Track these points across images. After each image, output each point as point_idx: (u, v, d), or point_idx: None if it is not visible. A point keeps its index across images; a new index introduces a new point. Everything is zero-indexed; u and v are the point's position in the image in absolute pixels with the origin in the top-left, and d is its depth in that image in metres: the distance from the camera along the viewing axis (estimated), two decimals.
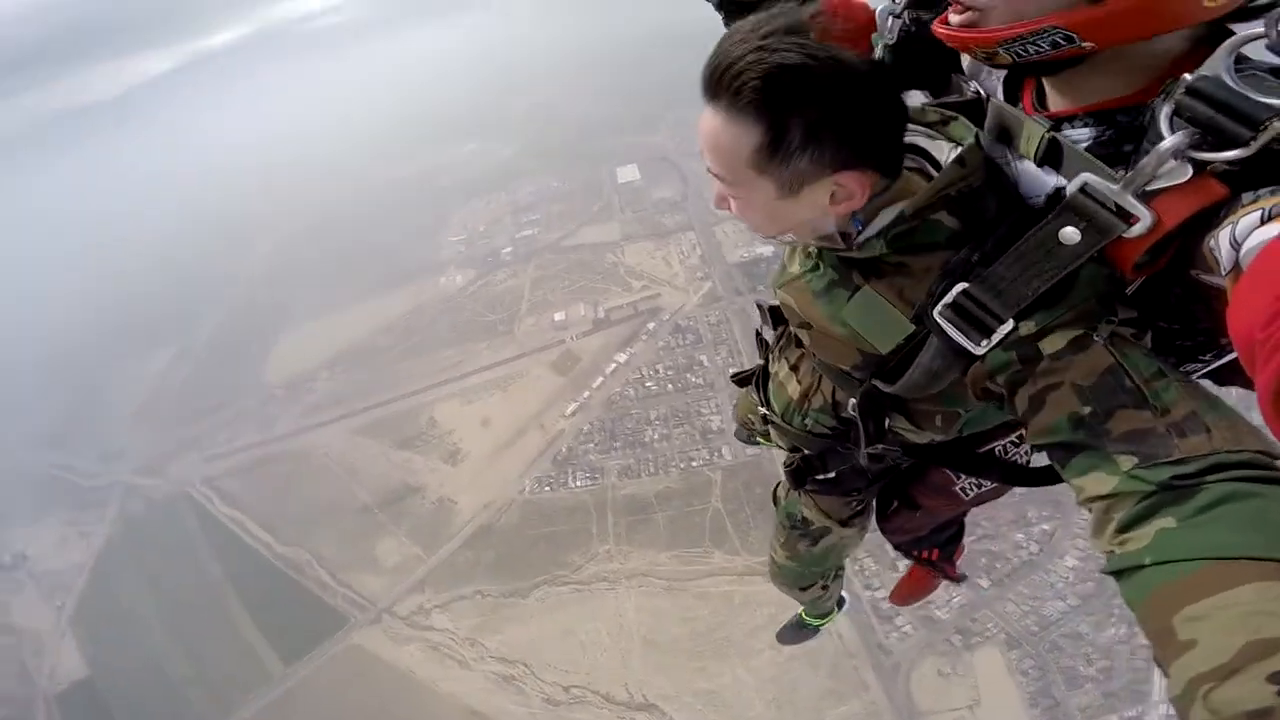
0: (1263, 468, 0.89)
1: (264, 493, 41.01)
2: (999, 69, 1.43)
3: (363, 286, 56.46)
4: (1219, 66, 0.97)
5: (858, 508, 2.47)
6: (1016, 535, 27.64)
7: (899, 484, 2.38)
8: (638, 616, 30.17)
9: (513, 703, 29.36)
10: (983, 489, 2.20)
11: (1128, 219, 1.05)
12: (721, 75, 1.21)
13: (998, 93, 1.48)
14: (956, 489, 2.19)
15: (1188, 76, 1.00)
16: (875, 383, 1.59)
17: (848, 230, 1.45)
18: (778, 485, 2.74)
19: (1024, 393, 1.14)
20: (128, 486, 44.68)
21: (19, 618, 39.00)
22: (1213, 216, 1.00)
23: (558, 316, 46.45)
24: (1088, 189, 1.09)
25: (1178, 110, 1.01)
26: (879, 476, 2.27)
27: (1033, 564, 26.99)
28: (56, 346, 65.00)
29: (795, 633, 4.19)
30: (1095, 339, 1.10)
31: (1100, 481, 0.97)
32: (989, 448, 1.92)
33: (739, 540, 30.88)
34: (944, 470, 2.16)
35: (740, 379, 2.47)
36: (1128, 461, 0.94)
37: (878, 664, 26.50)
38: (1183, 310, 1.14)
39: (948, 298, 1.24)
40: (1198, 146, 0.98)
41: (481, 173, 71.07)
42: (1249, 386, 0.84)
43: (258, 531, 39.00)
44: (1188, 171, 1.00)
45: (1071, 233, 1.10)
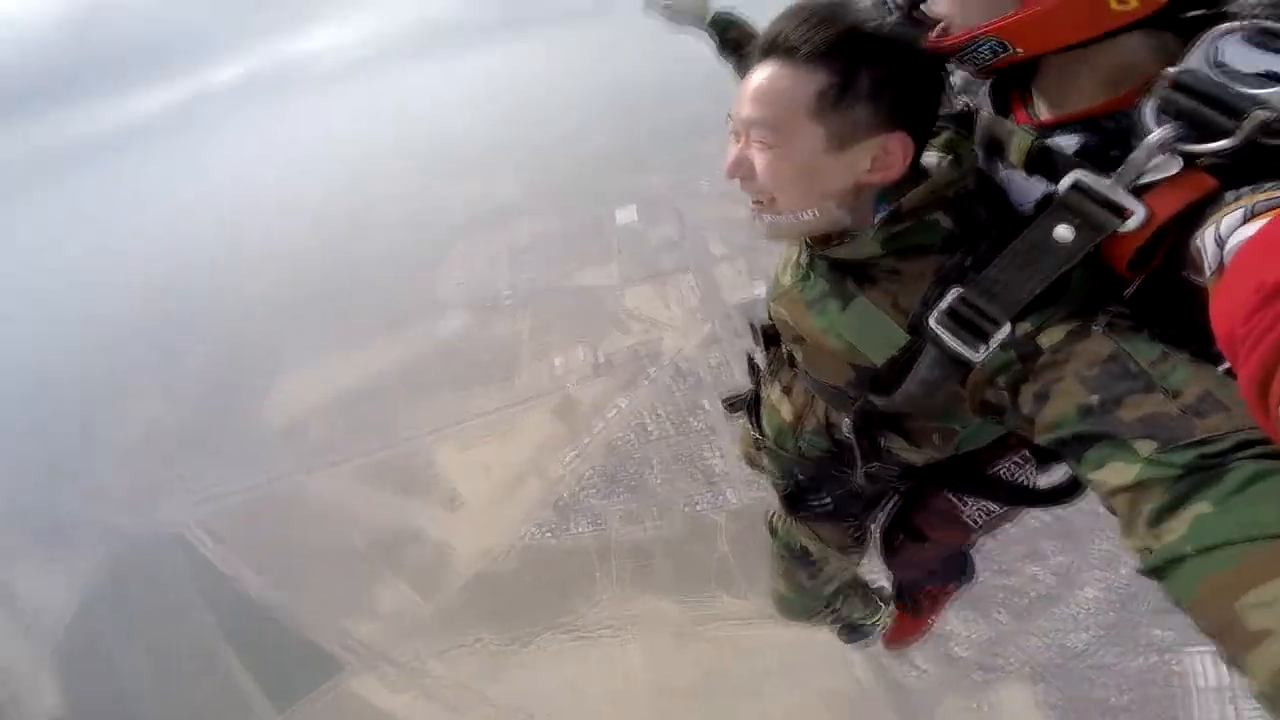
0: None
1: (257, 536, 39.81)
2: (980, 78, 1.49)
3: (360, 329, 56.07)
4: (1199, 60, 1.01)
5: (855, 534, 2.41)
6: (1032, 569, 27.14)
7: (902, 515, 2.31)
8: (644, 663, 29.26)
9: None
10: (991, 515, 2.14)
11: (1121, 214, 1.07)
12: (794, 29, 1.30)
13: (986, 106, 1.51)
14: (964, 517, 2.13)
15: (1170, 71, 1.03)
16: (870, 398, 1.56)
17: (864, 216, 1.45)
18: (773, 515, 2.67)
19: (1027, 390, 1.13)
20: (114, 526, 43.36)
21: None
22: (1203, 211, 1.01)
23: (557, 361, 46.14)
24: (1080, 185, 1.11)
25: (1162, 105, 1.04)
26: (875, 500, 2.23)
27: (1051, 597, 26.44)
28: (46, 383, 63.89)
29: (851, 633, 3.97)
30: (1094, 328, 1.09)
31: (1120, 471, 0.92)
32: (994, 469, 1.89)
33: (746, 584, 30.02)
34: (948, 497, 2.12)
35: (731, 404, 2.45)
36: (1147, 446, 0.90)
37: (899, 705, 25.68)
38: (1179, 314, 1.11)
39: (943, 304, 1.24)
40: (1185, 139, 1.01)
41: (480, 213, 71.44)
42: None
43: (249, 574, 37.75)
44: (1178, 164, 1.03)
45: (1065, 231, 1.11)
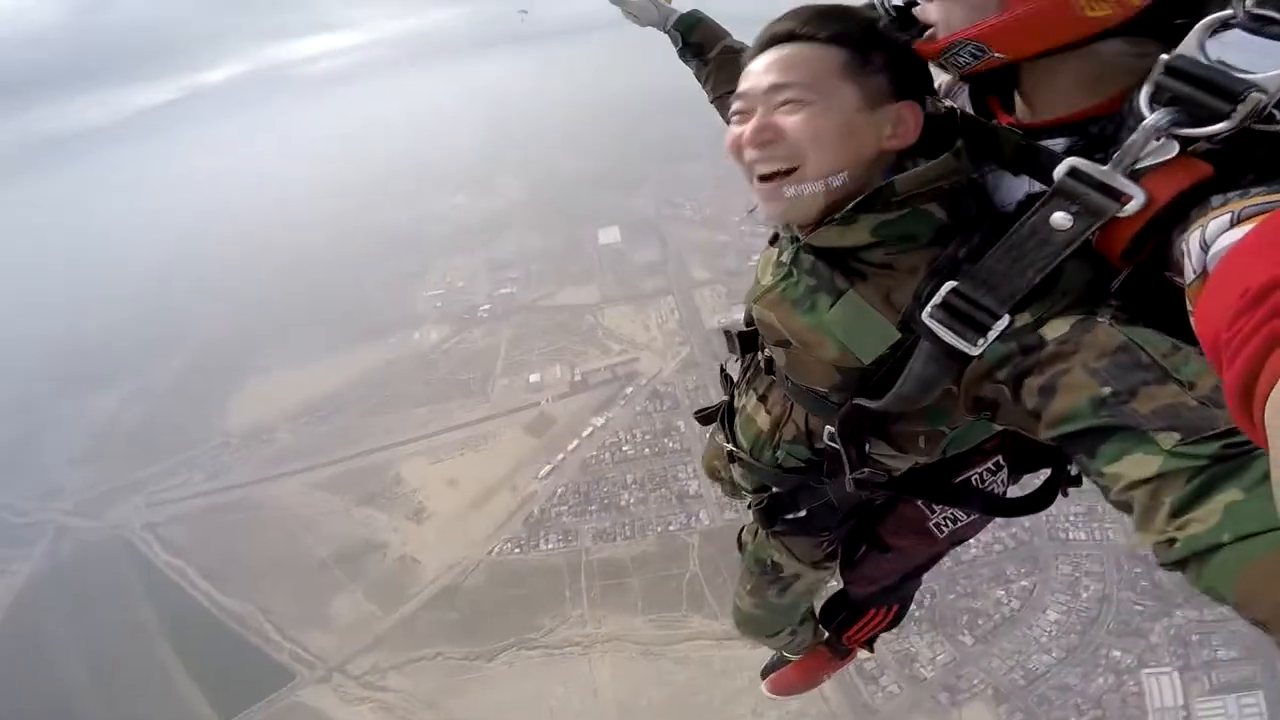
0: None
1: (211, 542, 38.46)
2: (963, 83, 1.53)
3: (334, 337, 55.43)
4: (1193, 46, 0.99)
5: (828, 548, 2.33)
6: (997, 592, 27.81)
7: (866, 525, 2.22)
8: (612, 682, 28.68)
9: None
10: (958, 524, 2.08)
11: (1119, 199, 1.05)
12: (802, 22, 1.38)
13: (967, 109, 1.53)
14: (930, 525, 2.07)
15: (1164, 57, 1.01)
16: (859, 401, 1.50)
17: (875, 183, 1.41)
18: (742, 530, 2.62)
19: (1031, 383, 1.09)
20: (60, 526, 41.82)
21: None
22: (1195, 202, 1.00)
23: (533, 378, 45.98)
24: (1077, 171, 1.09)
25: (1156, 90, 1.02)
26: (851, 513, 2.13)
27: (1015, 619, 27.09)
28: (7, 378, 62.24)
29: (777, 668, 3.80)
30: (1099, 319, 1.07)
31: (1141, 464, 0.89)
32: (965, 476, 1.85)
33: (718, 605, 29.65)
34: (916, 506, 2.06)
35: (704, 416, 2.38)
36: (1169, 439, 0.87)
37: None
38: (1160, 313, 1.10)
39: (936, 298, 1.22)
40: (1180, 124, 1.00)
41: (463, 226, 71.81)
42: None
43: (199, 581, 36.38)
44: (1174, 148, 1.02)
45: (1062, 218, 1.09)
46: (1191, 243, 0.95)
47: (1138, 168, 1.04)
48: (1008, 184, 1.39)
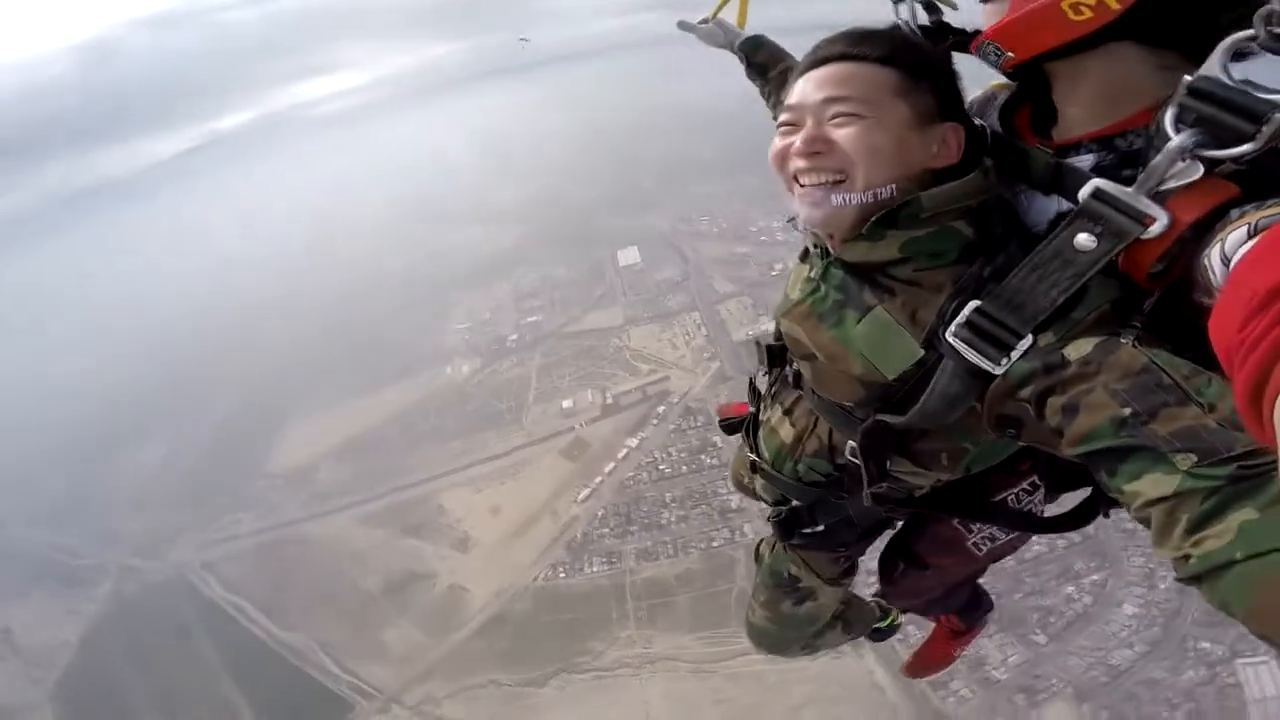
0: None
1: (265, 578, 39.16)
2: (1033, 104, 1.55)
3: (369, 377, 56.13)
4: (1215, 67, 1.00)
5: (845, 564, 2.37)
6: (1067, 589, 26.92)
7: (902, 541, 2.27)
8: (664, 702, 28.50)
9: None
10: (997, 543, 2.09)
11: (1143, 221, 1.06)
12: (854, 42, 1.45)
13: (996, 129, 1.57)
14: (969, 544, 2.08)
15: (1187, 78, 1.02)
16: (882, 417, 1.52)
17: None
18: (760, 542, 2.62)
19: (1054, 403, 1.10)
20: (122, 567, 42.64)
21: None
22: (1217, 220, 1.01)
23: (566, 404, 46.17)
24: (1101, 193, 1.10)
25: (1180, 112, 1.03)
26: (870, 531, 2.16)
27: (1089, 616, 26.23)
28: (59, 428, 63.65)
29: (875, 635, 3.67)
30: (1122, 340, 1.07)
31: (1159, 483, 0.91)
32: (1001, 497, 1.87)
33: None
34: (953, 525, 2.07)
35: (729, 425, 2.43)
36: (1186, 460, 0.88)
37: None
38: (1189, 336, 1.07)
39: (961, 316, 1.23)
40: (1204, 145, 1.00)
41: (484, 259, 72.17)
42: None
43: (257, 616, 36.98)
44: (1198, 170, 1.02)
45: (1087, 239, 1.11)
46: (1213, 259, 0.96)
47: (1162, 189, 1.06)
48: (1039, 204, 1.42)
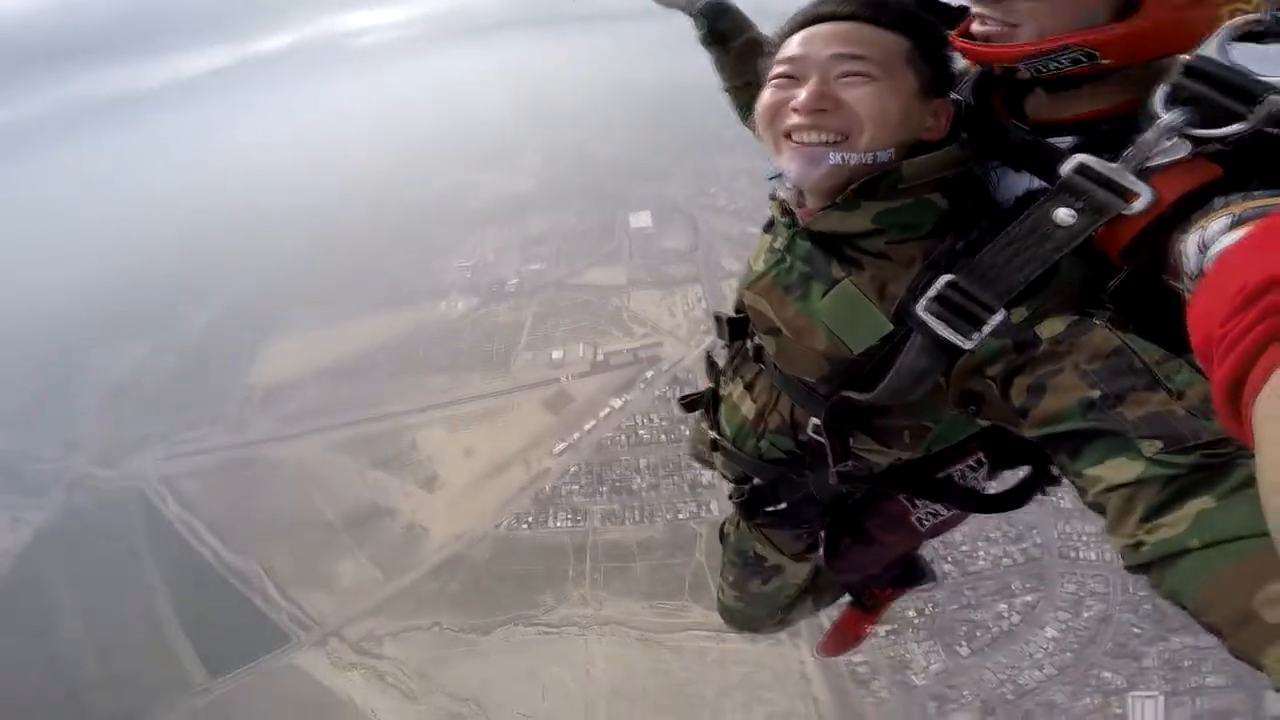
0: None
1: (223, 498, 38.86)
2: (1008, 81, 1.42)
3: (363, 301, 55.48)
4: (1214, 48, 1.00)
5: (809, 540, 2.31)
6: (999, 605, 27.60)
7: (851, 517, 2.19)
8: (607, 665, 28.34)
9: None
10: (939, 519, 2.08)
11: (1125, 196, 1.04)
12: (867, 2, 1.38)
13: (970, 102, 1.52)
14: (913, 519, 2.07)
15: (1184, 58, 1.02)
16: (847, 393, 1.49)
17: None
18: (724, 522, 2.63)
19: (1021, 382, 1.11)
20: (79, 476, 42.51)
21: None
22: (1199, 205, 1.00)
23: (555, 354, 45.60)
24: (1085, 168, 1.09)
25: (1175, 89, 1.03)
26: (831, 506, 2.10)
27: (1013, 634, 26.89)
28: (40, 328, 63.44)
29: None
30: (1095, 321, 1.07)
31: (1122, 468, 0.91)
32: (947, 472, 1.86)
33: None
34: (899, 500, 2.05)
35: (689, 402, 2.35)
36: (1151, 446, 0.89)
37: None
38: (1153, 317, 1.09)
39: (932, 290, 1.22)
40: (1194, 124, 1.00)
41: (496, 202, 71.33)
42: None
43: (207, 536, 36.72)
44: (1186, 148, 1.02)
45: (1066, 214, 1.09)
46: (1189, 244, 0.95)
47: (1147, 166, 1.04)
48: (1009, 181, 1.40)
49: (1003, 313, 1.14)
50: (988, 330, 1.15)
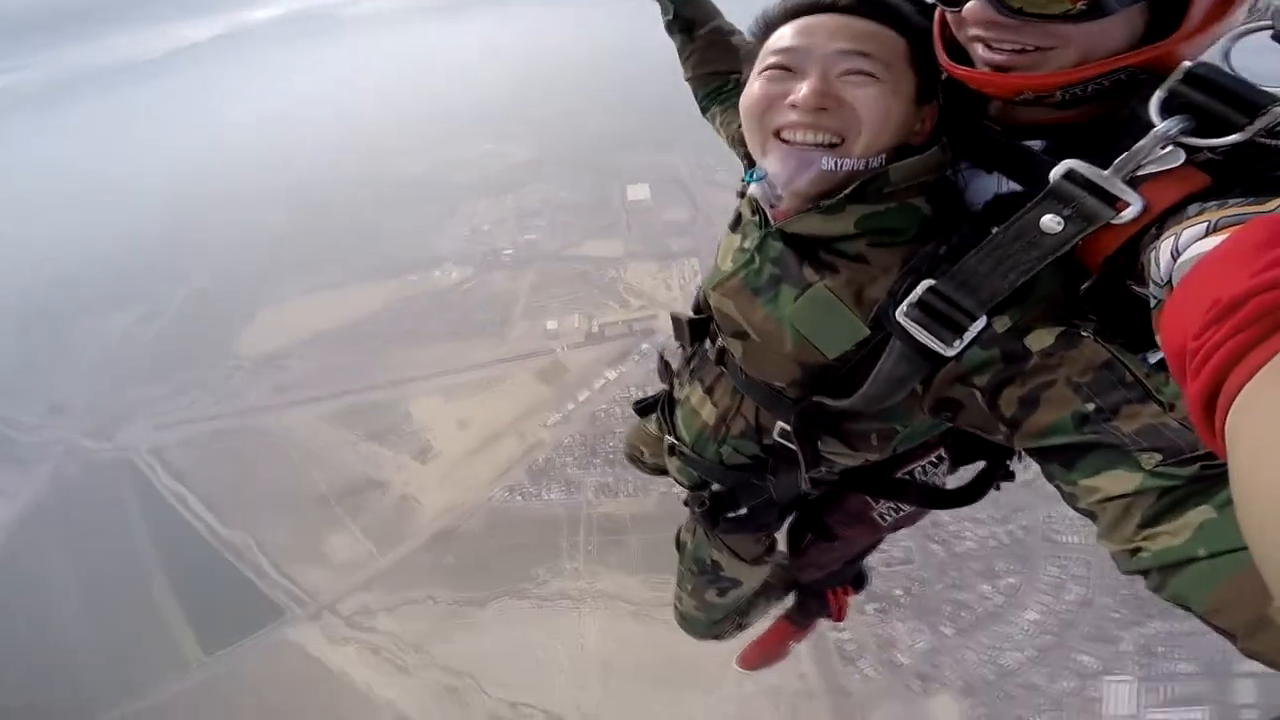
0: None
1: (214, 469, 38.56)
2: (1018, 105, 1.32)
3: (355, 270, 54.69)
4: (1217, 56, 0.99)
5: (767, 543, 2.36)
6: (983, 586, 27.77)
7: (812, 514, 2.24)
8: (600, 639, 28.48)
9: (453, 715, 27.48)
10: (900, 514, 2.11)
11: (1114, 205, 1.02)
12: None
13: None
14: (874, 515, 2.11)
15: (1186, 64, 1.00)
16: (819, 399, 1.48)
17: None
18: (680, 529, 2.63)
19: (1011, 393, 1.10)
20: (68, 446, 42.10)
21: None
22: (1173, 216, 0.99)
23: (550, 325, 45.17)
24: (1074, 174, 1.06)
25: (1169, 97, 1.01)
26: (789, 508, 2.16)
27: (996, 615, 27.08)
28: (26, 295, 62.56)
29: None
30: (1083, 333, 1.06)
31: (1120, 480, 0.92)
32: (909, 469, 1.86)
33: None
34: (860, 497, 2.09)
35: (643, 407, 2.33)
36: (1151, 459, 0.89)
37: (837, 707, 26.05)
38: (1117, 319, 1.09)
39: (913, 296, 1.19)
40: (1190, 133, 0.99)
41: (493, 172, 70.18)
42: None
43: (199, 509, 36.45)
44: (1180, 157, 1.00)
45: (1053, 221, 1.06)
46: (1162, 250, 0.94)
47: (1137, 174, 1.01)
48: (978, 183, 1.37)
49: (984, 320, 1.11)
50: (969, 337, 1.13)
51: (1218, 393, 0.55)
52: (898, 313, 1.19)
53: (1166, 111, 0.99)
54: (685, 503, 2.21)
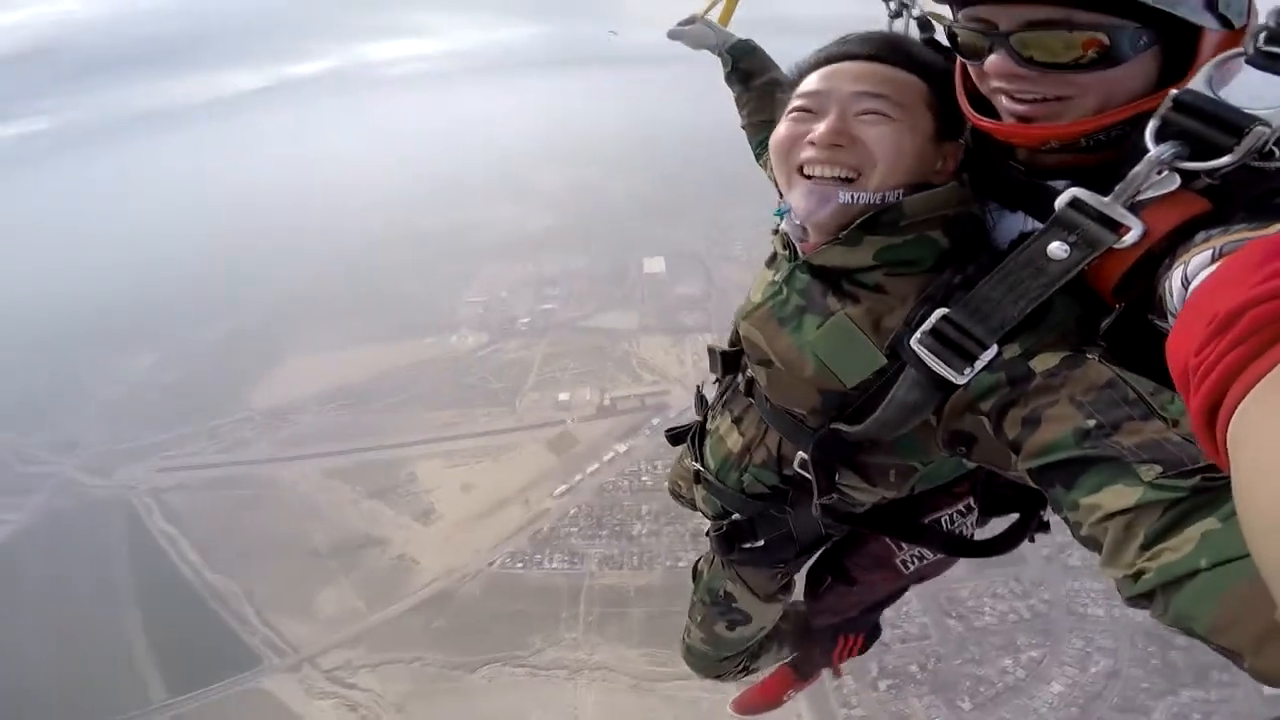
0: None
1: (210, 515, 37.92)
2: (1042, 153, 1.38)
3: (372, 329, 55.41)
4: (1201, 81, 1.02)
5: (783, 581, 2.36)
6: (1004, 660, 27.11)
7: (834, 557, 2.24)
8: (595, 712, 27.14)
9: None
10: (924, 562, 2.10)
11: (1116, 230, 1.04)
12: (880, 44, 1.46)
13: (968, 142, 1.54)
14: (897, 561, 2.09)
15: (1174, 91, 1.03)
16: (837, 427, 1.50)
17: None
18: (699, 560, 2.64)
19: (1015, 414, 1.10)
20: (66, 480, 41.72)
21: None
22: (1186, 240, 1.00)
23: (562, 396, 45.15)
24: (1078, 202, 1.08)
25: (1162, 124, 1.03)
26: (809, 547, 2.10)
27: (1018, 689, 26.38)
28: (49, 329, 63.71)
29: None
30: (1088, 355, 1.07)
31: (1121, 494, 0.89)
32: (935, 517, 1.87)
33: None
34: (884, 542, 2.07)
35: (675, 435, 2.39)
36: (1151, 471, 0.87)
37: None
38: (1143, 358, 1.06)
39: (926, 325, 1.21)
40: (1183, 157, 1.01)
41: (513, 238, 71.93)
42: None
43: (189, 553, 35.67)
44: (1175, 181, 1.02)
45: (1059, 248, 1.08)
46: (1174, 280, 0.95)
47: (1138, 200, 1.04)
48: (1006, 222, 1.41)
49: (995, 348, 1.13)
50: (980, 366, 1.14)
51: (1219, 406, 0.55)
52: (912, 340, 1.22)
53: (1160, 138, 1.02)
54: (707, 533, 2.22)
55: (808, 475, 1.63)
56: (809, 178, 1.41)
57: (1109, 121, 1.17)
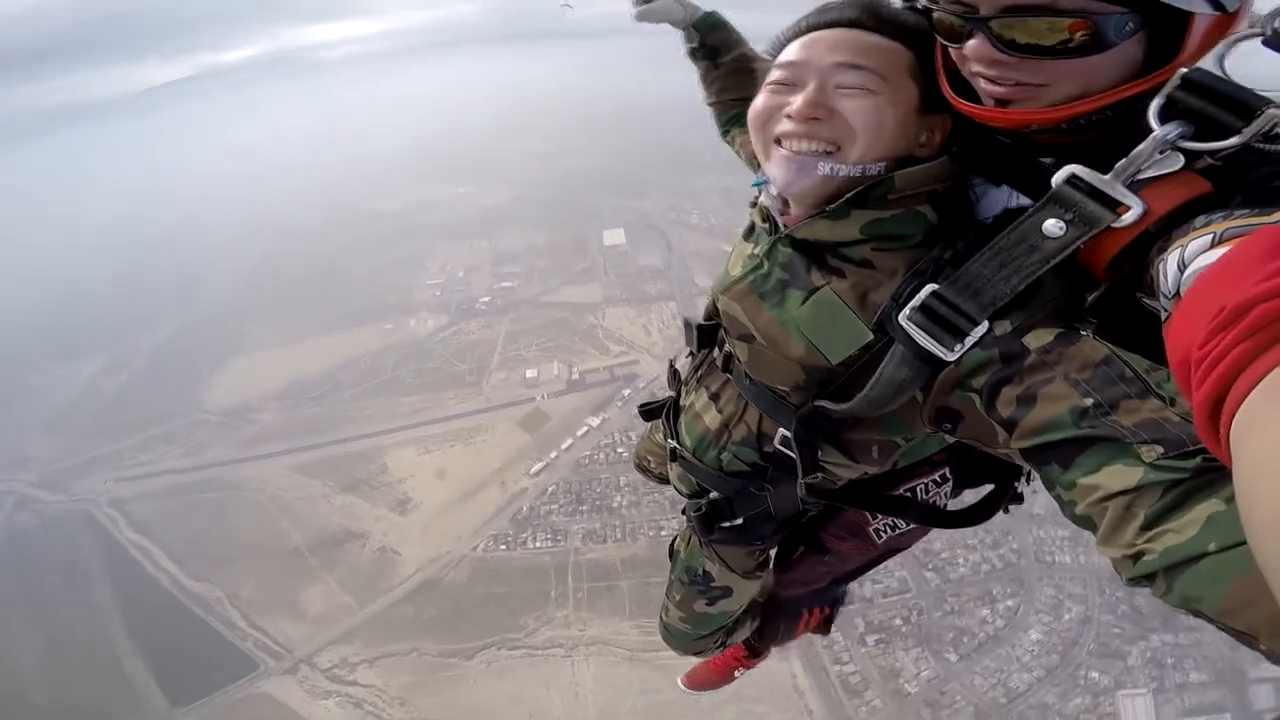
0: None
1: (179, 522, 36.81)
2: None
3: (328, 319, 53.76)
4: (1212, 62, 1.02)
5: (760, 558, 2.33)
6: (982, 611, 28.19)
7: (808, 527, 2.18)
8: (595, 686, 27.62)
9: None
10: (897, 532, 2.10)
11: (1115, 209, 1.03)
12: (864, 11, 1.38)
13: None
14: (870, 529, 2.09)
15: (1183, 70, 1.01)
16: (821, 404, 1.48)
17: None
18: (675, 538, 2.57)
19: (1009, 392, 1.08)
20: (22, 497, 39.96)
21: None
22: (1182, 223, 0.99)
23: (530, 373, 44.88)
24: (1076, 179, 1.07)
25: (1168, 102, 1.02)
26: (786, 523, 2.06)
27: (998, 638, 27.47)
28: None
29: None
30: (1082, 332, 1.07)
31: (1121, 475, 0.88)
32: (909, 486, 1.87)
33: None
34: (858, 510, 2.05)
35: (648, 410, 2.31)
36: (1152, 451, 0.86)
37: None
38: (1129, 335, 1.06)
39: (916, 300, 1.19)
40: (1188, 137, 1.00)
41: (467, 217, 70.40)
42: None
43: (164, 561, 34.69)
44: (1179, 161, 1.01)
45: (1054, 225, 1.07)
46: (1169, 262, 0.93)
47: (1138, 179, 1.02)
48: (990, 196, 1.40)
49: (985, 324, 1.12)
50: (971, 342, 1.13)
51: (1222, 401, 0.55)
52: (900, 316, 1.21)
53: (1165, 117, 1.01)
54: (683, 511, 2.17)
55: (789, 453, 1.64)
56: (786, 150, 1.39)
57: (1091, 107, 1.17)
